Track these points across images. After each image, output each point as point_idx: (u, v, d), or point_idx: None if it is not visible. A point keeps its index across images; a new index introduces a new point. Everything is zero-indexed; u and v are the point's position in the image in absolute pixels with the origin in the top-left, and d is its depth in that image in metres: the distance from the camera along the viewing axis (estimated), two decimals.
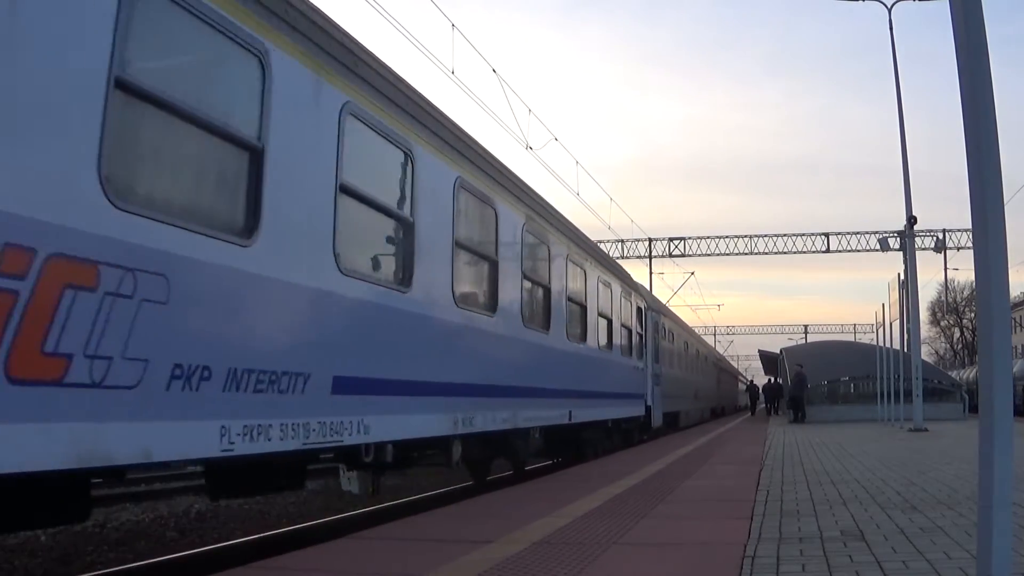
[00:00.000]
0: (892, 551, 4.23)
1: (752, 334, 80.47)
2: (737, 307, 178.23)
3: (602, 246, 24.33)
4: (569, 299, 11.30)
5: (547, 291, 10.29)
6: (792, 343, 56.51)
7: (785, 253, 40.88)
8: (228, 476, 5.28)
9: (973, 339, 56.34)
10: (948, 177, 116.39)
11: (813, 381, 29.15)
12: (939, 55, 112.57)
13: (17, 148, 3.29)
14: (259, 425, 4.60)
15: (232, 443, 4.39)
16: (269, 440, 4.68)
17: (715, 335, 73.48)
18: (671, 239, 42.09)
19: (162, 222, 3.99)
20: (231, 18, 4.48)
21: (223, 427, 4.34)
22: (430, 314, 6.89)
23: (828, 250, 40.00)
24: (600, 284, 13.14)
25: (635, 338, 16.23)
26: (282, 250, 4.90)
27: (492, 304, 8.32)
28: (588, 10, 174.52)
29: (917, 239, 23.24)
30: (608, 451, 13.77)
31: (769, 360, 52.91)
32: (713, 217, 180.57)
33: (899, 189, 21.91)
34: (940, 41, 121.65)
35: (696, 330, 40.43)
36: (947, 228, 37.42)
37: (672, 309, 30.25)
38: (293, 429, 4.89)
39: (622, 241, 40.32)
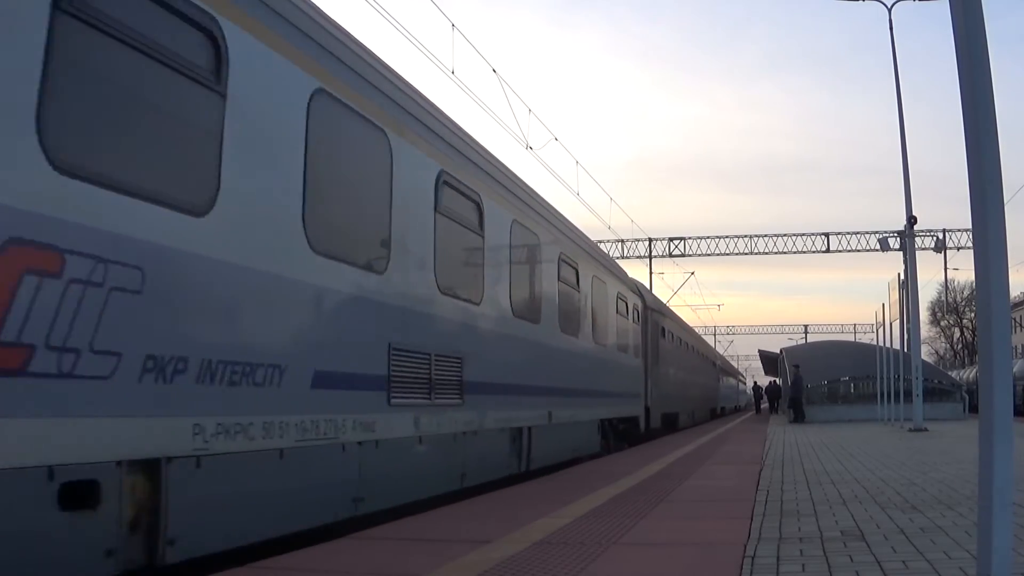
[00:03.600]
0: (892, 551, 4.23)
1: (752, 334, 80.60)
2: (737, 307, 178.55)
3: (602, 246, 24.22)
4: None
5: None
6: (792, 343, 56.46)
7: (785, 253, 41.02)
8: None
9: (973, 339, 56.26)
10: (948, 177, 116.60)
11: (813, 381, 29.13)
12: (939, 55, 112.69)
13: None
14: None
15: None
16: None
17: (715, 335, 73.51)
18: (671, 239, 42.18)
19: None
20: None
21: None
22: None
23: (828, 250, 40.07)
24: None
25: None
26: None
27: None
28: (588, 10, 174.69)
29: (917, 239, 23.22)
30: None
31: (769, 360, 52.85)
32: (713, 217, 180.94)
33: (899, 189, 21.93)
34: (940, 41, 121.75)
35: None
36: (947, 228, 37.61)
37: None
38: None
39: (622, 241, 40.37)
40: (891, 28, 21.84)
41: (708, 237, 41.76)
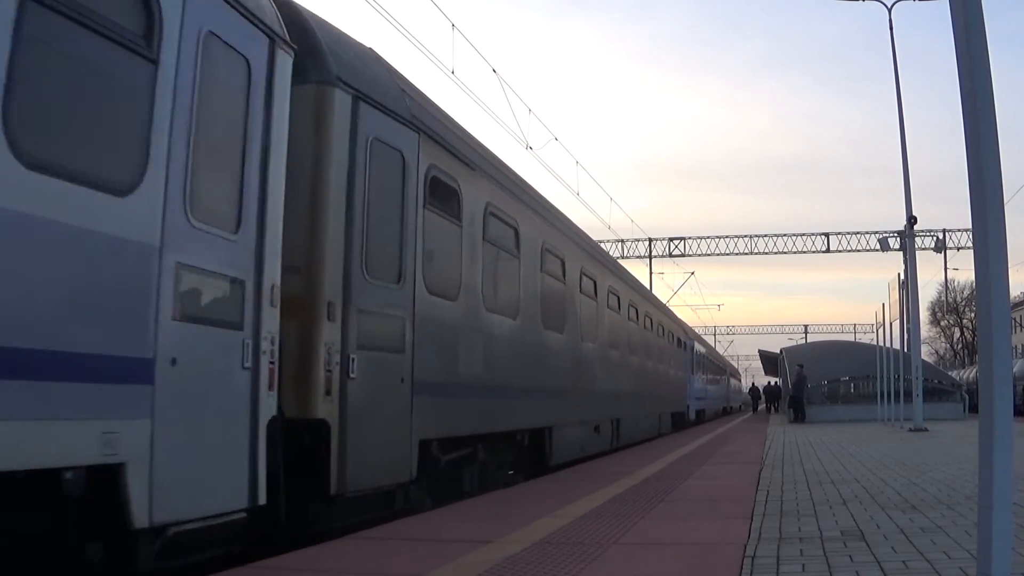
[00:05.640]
0: (892, 551, 4.23)
1: (752, 334, 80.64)
2: (737, 307, 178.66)
3: (603, 246, 24.15)
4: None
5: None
6: (792, 343, 56.49)
7: (785, 253, 41.11)
8: None
9: (973, 339, 56.22)
10: (948, 177, 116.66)
11: (813, 381, 29.13)
12: (939, 55, 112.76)
13: None
14: None
15: None
16: None
17: (715, 335, 73.52)
18: (671, 239, 42.24)
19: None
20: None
21: None
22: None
23: (828, 250, 40.11)
24: None
25: None
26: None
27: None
28: (588, 10, 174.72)
29: (917, 239, 23.23)
30: None
31: (769, 360, 52.88)
32: (713, 217, 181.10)
33: (899, 189, 21.96)
34: (940, 41, 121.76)
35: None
36: (947, 228, 37.66)
37: None
38: None
39: (622, 241, 40.38)
40: (891, 28, 21.89)
41: (708, 237, 41.87)
